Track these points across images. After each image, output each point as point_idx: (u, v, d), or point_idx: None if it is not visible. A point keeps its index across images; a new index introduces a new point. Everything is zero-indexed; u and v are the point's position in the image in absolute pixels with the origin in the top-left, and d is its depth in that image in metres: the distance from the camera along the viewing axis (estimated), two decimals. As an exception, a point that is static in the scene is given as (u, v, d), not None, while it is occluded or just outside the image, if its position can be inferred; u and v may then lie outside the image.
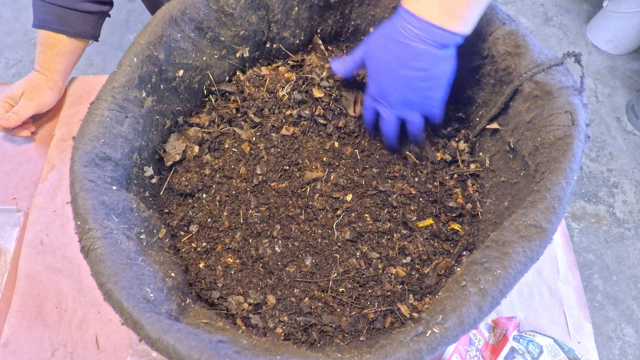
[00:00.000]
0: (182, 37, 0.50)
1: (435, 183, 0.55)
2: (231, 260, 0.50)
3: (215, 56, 0.55)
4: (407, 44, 0.45)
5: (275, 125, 0.57)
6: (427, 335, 0.34)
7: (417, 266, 0.50)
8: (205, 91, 0.58)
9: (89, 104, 0.44)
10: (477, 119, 0.57)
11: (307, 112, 0.57)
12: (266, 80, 0.58)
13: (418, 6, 0.44)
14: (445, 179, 0.55)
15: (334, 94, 0.56)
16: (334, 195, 0.53)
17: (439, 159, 0.57)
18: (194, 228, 0.52)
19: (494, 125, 0.53)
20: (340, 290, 0.49)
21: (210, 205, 0.53)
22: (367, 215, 0.53)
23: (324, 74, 0.57)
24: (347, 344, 0.45)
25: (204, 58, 0.54)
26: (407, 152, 0.56)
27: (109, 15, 0.73)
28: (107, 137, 0.43)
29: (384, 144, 0.56)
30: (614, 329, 1.31)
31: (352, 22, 0.62)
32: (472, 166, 0.56)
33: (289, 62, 0.61)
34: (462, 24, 0.44)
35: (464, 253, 0.51)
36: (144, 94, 0.48)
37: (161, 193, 0.53)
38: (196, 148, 0.56)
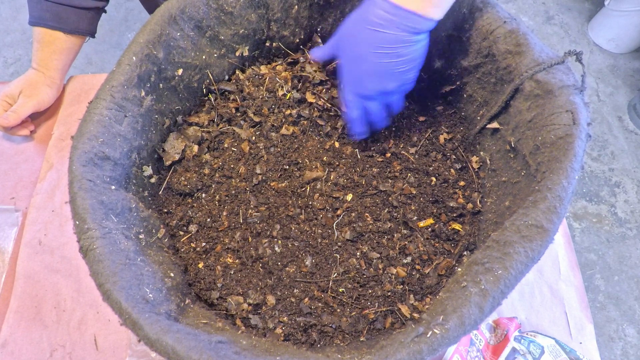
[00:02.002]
0: (181, 36, 0.50)
1: (432, 178, 0.55)
2: (231, 260, 0.50)
3: (215, 55, 0.55)
4: (381, 32, 0.44)
5: (275, 124, 0.57)
6: (428, 336, 0.34)
7: (417, 266, 0.50)
8: (204, 90, 0.57)
9: (87, 103, 0.44)
10: (478, 118, 0.56)
11: (306, 111, 0.57)
12: (266, 79, 0.58)
13: None
14: (447, 175, 0.55)
15: (326, 96, 0.56)
16: (334, 195, 0.53)
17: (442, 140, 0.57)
18: (193, 228, 0.52)
19: (495, 125, 0.53)
20: (341, 290, 0.48)
21: (210, 205, 0.53)
22: (367, 215, 0.52)
23: (314, 67, 0.57)
24: (347, 345, 0.45)
25: (204, 57, 0.54)
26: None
27: (105, 11, 0.72)
28: (106, 137, 0.43)
29: (356, 133, 0.54)
30: (615, 330, 1.30)
31: (353, 21, 0.61)
32: (473, 160, 0.56)
33: (288, 60, 0.61)
34: (435, 9, 0.44)
35: (465, 253, 0.51)
36: (143, 93, 0.48)
37: (160, 193, 0.53)
38: (195, 147, 0.55)
